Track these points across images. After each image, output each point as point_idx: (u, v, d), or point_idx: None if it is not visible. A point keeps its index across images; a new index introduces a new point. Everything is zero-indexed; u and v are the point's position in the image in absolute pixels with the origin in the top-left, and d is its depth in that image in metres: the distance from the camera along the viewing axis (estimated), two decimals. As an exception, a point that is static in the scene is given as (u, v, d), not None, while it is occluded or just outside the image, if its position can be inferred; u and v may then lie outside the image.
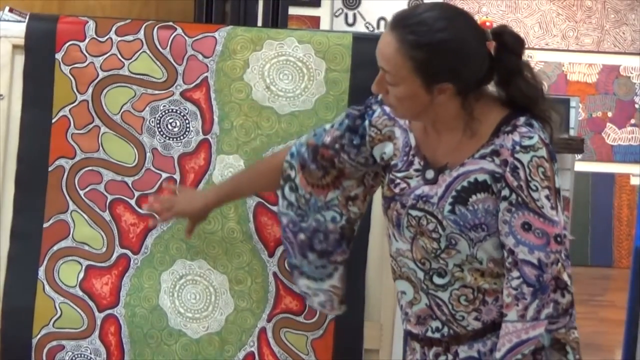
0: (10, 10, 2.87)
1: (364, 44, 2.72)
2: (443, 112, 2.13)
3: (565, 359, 2.20)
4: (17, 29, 2.67)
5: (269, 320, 2.67)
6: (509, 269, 2.09)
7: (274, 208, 2.65)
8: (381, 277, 2.69)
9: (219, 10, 3.55)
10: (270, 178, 2.49)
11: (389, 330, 2.80)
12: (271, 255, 2.68)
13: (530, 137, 2.07)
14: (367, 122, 2.29)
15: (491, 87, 2.25)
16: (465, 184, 2.10)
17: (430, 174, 2.14)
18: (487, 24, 2.72)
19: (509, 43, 2.13)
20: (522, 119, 2.12)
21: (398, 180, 2.20)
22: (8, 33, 2.68)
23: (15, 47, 2.68)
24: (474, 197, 2.10)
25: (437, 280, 2.17)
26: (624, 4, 7.01)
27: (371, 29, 6.75)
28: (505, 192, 2.07)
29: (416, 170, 2.16)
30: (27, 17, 2.74)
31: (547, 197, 2.07)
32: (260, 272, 2.68)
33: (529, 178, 2.06)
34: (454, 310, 2.15)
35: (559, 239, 2.08)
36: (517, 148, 2.04)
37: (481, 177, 2.09)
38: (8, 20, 2.74)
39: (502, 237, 2.11)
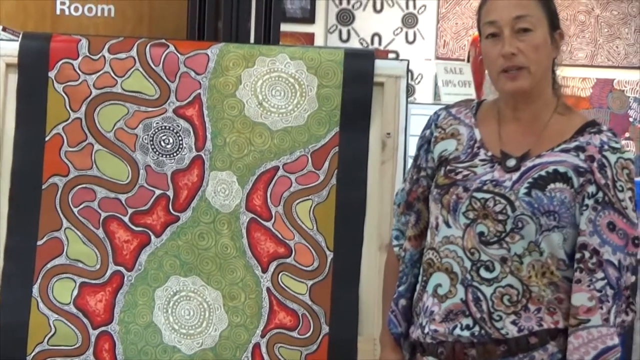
0: (4, 29, 2.91)
1: (355, 60, 2.73)
2: (546, 82, 2.20)
3: None
4: (10, 48, 2.66)
5: (263, 336, 2.65)
6: (592, 270, 2.09)
7: (267, 224, 2.68)
8: (374, 292, 2.64)
9: (211, 27, 3.44)
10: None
11: (382, 345, 2.84)
12: (265, 270, 2.65)
13: (617, 142, 2.12)
14: (433, 126, 2.33)
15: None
16: (543, 173, 2.13)
17: (511, 162, 2.17)
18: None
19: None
20: (605, 127, 2.19)
21: (460, 169, 2.22)
22: (1, 52, 2.66)
23: (8, 65, 2.66)
24: (552, 185, 2.12)
25: (484, 273, 2.15)
26: (617, 18, 7.03)
27: (365, 45, 6.82)
28: (592, 189, 2.10)
29: (482, 160, 2.20)
30: (20, 35, 2.73)
31: (630, 199, 2.11)
32: (254, 287, 2.66)
33: (616, 178, 2.09)
34: (493, 309, 2.12)
35: (636, 241, 2.11)
36: (606, 147, 2.09)
37: (562, 168, 2.12)
38: (1, 39, 2.74)
39: (583, 237, 2.12)
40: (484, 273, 2.10)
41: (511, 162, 2.14)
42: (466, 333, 2.09)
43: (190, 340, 2.68)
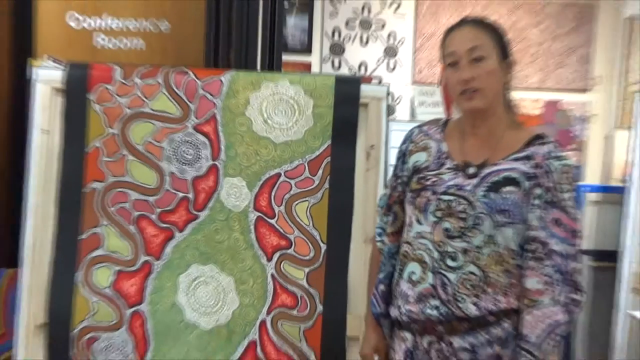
0: (51, 59, 2.99)
1: (344, 85, 2.92)
2: (498, 102, 2.35)
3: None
4: (56, 75, 2.83)
5: (268, 314, 2.83)
6: (541, 259, 2.23)
7: (271, 221, 2.88)
8: (360, 277, 2.79)
9: (225, 57, 3.41)
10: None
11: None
12: (269, 260, 2.85)
13: (560, 151, 2.28)
14: (408, 141, 2.48)
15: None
16: (497, 178, 2.26)
17: (472, 170, 2.32)
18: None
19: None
20: (550, 139, 2.35)
21: (430, 176, 2.36)
22: (49, 78, 2.83)
23: (55, 89, 2.83)
24: (505, 188, 2.25)
25: (450, 262, 2.27)
26: (564, 48, 6.99)
27: (353, 72, 6.82)
28: (539, 191, 2.24)
29: (448, 169, 2.35)
30: (64, 65, 2.89)
31: (571, 198, 2.27)
32: (260, 274, 2.85)
33: (558, 181, 2.25)
34: (457, 292, 2.25)
35: (577, 233, 2.25)
36: (550, 155, 2.25)
37: (513, 175, 2.26)
38: (48, 68, 2.88)
39: (533, 231, 2.25)
40: (449, 262, 2.26)
41: (471, 170, 2.30)
42: (435, 312, 2.23)
43: (208, 318, 2.86)
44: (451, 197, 2.29)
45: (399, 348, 2.40)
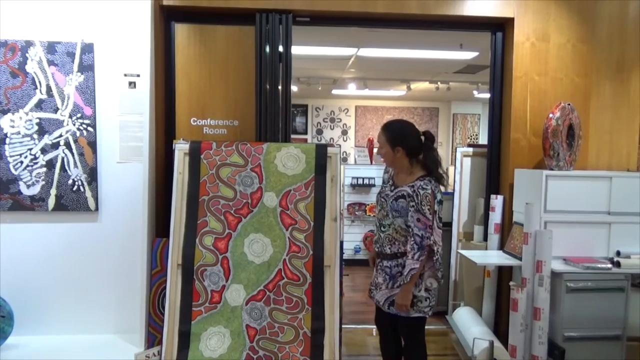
0: (182, 139, 4.10)
1: (320, 148, 3.94)
2: (400, 163, 3.42)
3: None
4: (185, 146, 3.95)
5: (286, 256, 3.85)
6: (411, 236, 3.26)
7: (287, 211, 3.85)
8: (329, 236, 3.75)
9: (264, 136, 4.59)
10: None
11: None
12: (286, 230, 3.88)
13: (424, 187, 3.28)
14: (385, 173, 3.48)
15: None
16: (399, 194, 3.31)
17: (395, 187, 3.31)
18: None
19: (429, 137, 3.55)
20: (426, 179, 3.30)
21: (387, 190, 3.46)
22: (182, 148, 3.94)
23: (184, 153, 3.92)
24: (400, 200, 3.33)
25: (382, 229, 3.46)
26: (425, 129, 8.29)
27: (326, 141, 9.74)
28: (413, 203, 3.25)
29: (389, 186, 3.43)
30: (189, 142, 3.98)
31: (427, 209, 3.26)
32: (283, 237, 3.88)
33: (421, 200, 3.28)
34: (384, 243, 3.44)
35: (428, 228, 3.24)
36: (419, 187, 3.27)
37: (405, 192, 3.29)
38: (181, 143, 3.97)
39: (409, 222, 3.24)
40: (382, 229, 3.50)
41: (395, 187, 3.37)
42: (378, 250, 3.53)
43: (259, 258, 3.87)
44: (382, 200, 3.58)
45: (376, 260, 3.69)
